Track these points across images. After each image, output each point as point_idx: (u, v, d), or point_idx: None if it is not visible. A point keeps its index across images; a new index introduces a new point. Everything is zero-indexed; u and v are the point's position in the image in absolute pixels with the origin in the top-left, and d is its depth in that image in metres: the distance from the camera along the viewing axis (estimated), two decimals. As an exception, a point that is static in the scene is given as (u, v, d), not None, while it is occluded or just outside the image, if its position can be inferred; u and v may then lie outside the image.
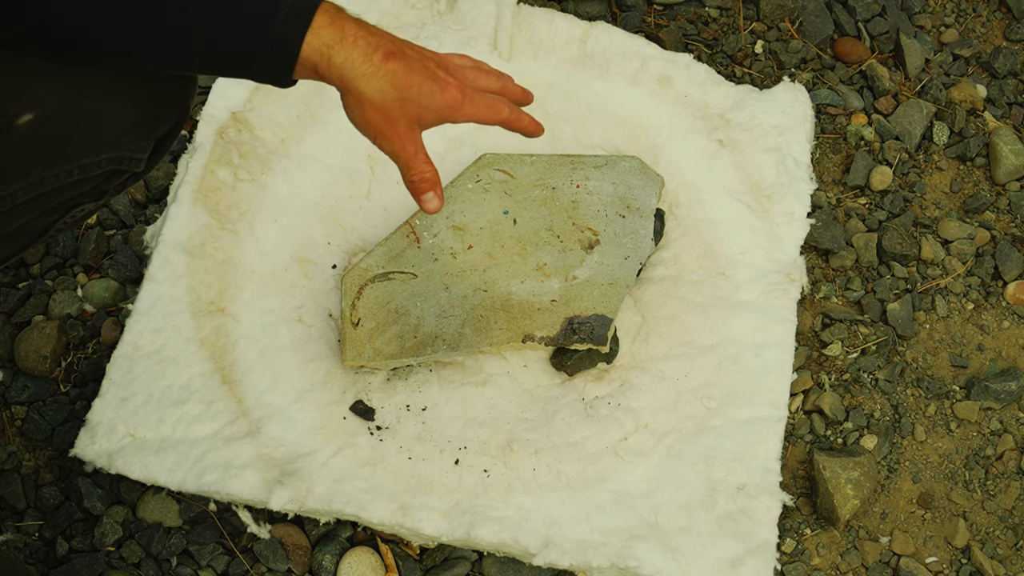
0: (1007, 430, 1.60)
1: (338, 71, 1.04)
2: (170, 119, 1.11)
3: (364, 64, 1.04)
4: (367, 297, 1.49)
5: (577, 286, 1.51)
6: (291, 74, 1.03)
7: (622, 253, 1.53)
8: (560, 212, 1.55)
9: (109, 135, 1.05)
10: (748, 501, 1.46)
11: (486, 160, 1.58)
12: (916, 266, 1.71)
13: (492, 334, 1.47)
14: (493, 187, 1.56)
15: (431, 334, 1.47)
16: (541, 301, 1.49)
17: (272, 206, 1.62)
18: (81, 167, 1.05)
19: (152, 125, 1.09)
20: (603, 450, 1.48)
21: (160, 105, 1.09)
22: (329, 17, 1.02)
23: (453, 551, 1.48)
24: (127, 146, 1.07)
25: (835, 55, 1.87)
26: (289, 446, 1.46)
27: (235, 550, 1.47)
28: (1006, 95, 1.85)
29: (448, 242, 1.52)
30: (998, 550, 1.53)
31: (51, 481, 1.51)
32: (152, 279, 1.56)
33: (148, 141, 1.10)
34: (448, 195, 1.55)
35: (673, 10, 1.90)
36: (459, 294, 1.49)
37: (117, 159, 1.08)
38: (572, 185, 1.57)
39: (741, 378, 1.54)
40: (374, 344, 1.47)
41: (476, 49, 1.75)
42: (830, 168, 1.78)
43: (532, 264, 1.52)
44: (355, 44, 1.03)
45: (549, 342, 1.48)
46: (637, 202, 1.57)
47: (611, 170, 1.58)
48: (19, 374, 1.56)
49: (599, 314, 1.48)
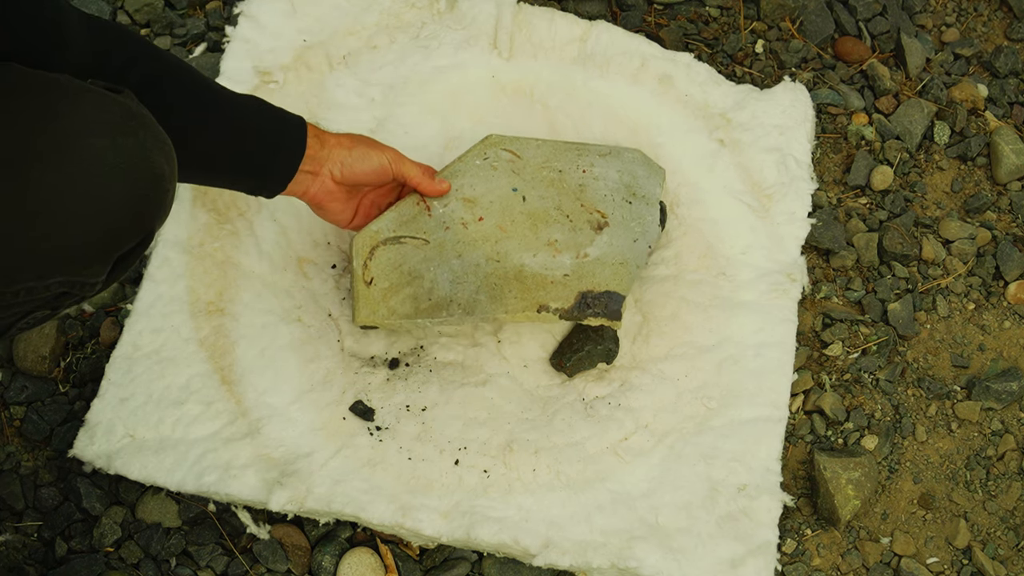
0: (1008, 430, 1.60)
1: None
2: (132, 240, 1.04)
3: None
4: (379, 258, 1.46)
5: (589, 263, 1.48)
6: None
7: (631, 236, 1.51)
8: (568, 194, 1.53)
9: (60, 260, 0.99)
10: (749, 501, 1.46)
11: (492, 140, 1.55)
12: (917, 266, 1.71)
13: (507, 302, 1.45)
14: (501, 165, 1.53)
15: (446, 298, 1.44)
16: (554, 275, 1.47)
17: (271, 205, 1.61)
18: (27, 289, 1.00)
19: (110, 248, 1.03)
20: (603, 450, 1.48)
21: (121, 227, 1.02)
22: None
23: (453, 551, 1.48)
24: (80, 272, 1.02)
25: (836, 55, 1.87)
26: (289, 446, 1.46)
27: (234, 551, 1.47)
28: (1007, 94, 1.85)
29: (459, 212, 1.49)
30: (999, 551, 1.53)
31: (50, 481, 1.51)
32: (151, 279, 1.56)
33: (105, 264, 1.04)
34: (455, 169, 1.52)
35: (673, 9, 1.89)
36: (472, 262, 1.46)
37: (68, 283, 1.02)
38: (579, 170, 1.55)
39: (741, 378, 1.54)
40: (388, 303, 1.44)
41: (476, 48, 1.74)
42: (831, 168, 1.78)
43: (543, 239, 1.49)
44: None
45: (564, 314, 1.45)
46: (643, 190, 1.55)
47: (616, 159, 1.57)
48: (18, 374, 1.56)
49: (612, 290, 1.46)
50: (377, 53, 1.74)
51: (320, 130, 1.37)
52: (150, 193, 1.03)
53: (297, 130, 1.34)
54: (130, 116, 1.02)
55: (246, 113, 1.30)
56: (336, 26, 1.76)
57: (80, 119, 0.98)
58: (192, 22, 1.83)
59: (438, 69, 1.73)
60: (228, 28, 1.75)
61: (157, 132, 1.04)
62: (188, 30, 1.81)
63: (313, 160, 1.35)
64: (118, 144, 0.99)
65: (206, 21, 1.83)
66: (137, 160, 1.00)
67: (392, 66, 1.73)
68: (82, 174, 0.97)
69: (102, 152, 0.98)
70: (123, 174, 0.99)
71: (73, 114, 0.98)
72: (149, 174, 1.02)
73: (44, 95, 0.98)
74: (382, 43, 1.75)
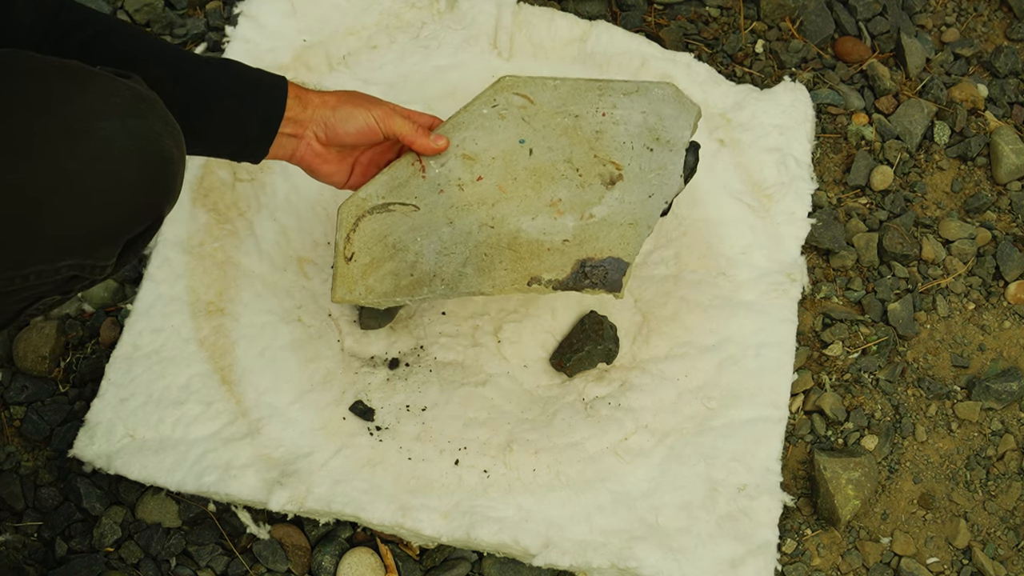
0: (1008, 430, 1.60)
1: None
2: (141, 223, 1.05)
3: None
4: (363, 230, 1.38)
5: (593, 225, 1.38)
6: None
7: (646, 190, 1.39)
8: (582, 143, 1.42)
9: (70, 243, 1.00)
10: (749, 501, 1.46)
11: (505, 83, 1.44)
12: (917, 266, 1.71)
13: (495, 275, 1.37)
14: (510, 113, 1.43)
15: (429, 272, 1.37)
16: (552, 241, 1.38)
17: (271, 205, 1.61)
18: (38, 272, 1.00)
19: (120, 231, 1.03)
20: (603, 450, 1.48)
21: (132, 210, 1.03)
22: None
23: (453, 552, 1.48)
24: (90, 255, 1.02)
25: (836, 55, 1.87)
26: (289, 446, 1.46)
27: (234, 551, 1.47)
28: (1007, 94, 1.85)
29: (456, 172, 1.40)
30: (999, 551, 1.53)
31: (50, 481, 1.50)
32: (151, 279, 1.56)
33: (115, 247, 1.04)
34: (460, 120, 1.42)
35: (673, 9, 1.89)
36: (463, 230, 1.38)
37: (78, 266, 1.03)
38: (597, 113, 1.43)
39: (742, 378, 1.54)
40: (367, 281, 1.38)
41: (476, 48, 1.74)
42: (831, 168, 1.78)
43: (546, 199, 1.40)
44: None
45: (557, 286, 1.37)
46: (668, 134, 1.41)
47: (642, 97, 1.43)
48: (18, 374, 1.56)
49: (615, 257, 1.37)
50: (377, 53, 1.74)
51: (303, 90, 1.31)
52: (160, 176, 1.03)
53: (275, 91, 1.28)
54: (139, 99, 1.02)
55: (219, 76, 1.26)
56: (336, 26, 1.76)
57: (90, 103, 0.98)
58: (192, 22, 1.83)
59: (438, 69, 1.73)
60: (228, 28, 1.75)
61: (166, 116, 1.04)
62: (188, 30, 1.81)
63: (294, 122, 1.29)
64: (128, 127, 0.99)
65: (206, 21, 1.83)
66: (147, 143, 1.00)
67: (392, 66, 1.73)
68: (92, 157, 0.97)
69: (112, 135, 0.98)
70: (133, 157, 0.99)
71: (83, 98, 0.98)
72: (159, 157, 1.02)
73: (54, 80, 0.98)
74: (382, 43, 1.75)
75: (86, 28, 1.19)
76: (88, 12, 1.21)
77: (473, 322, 1.57)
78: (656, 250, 1.62)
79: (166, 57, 1.24)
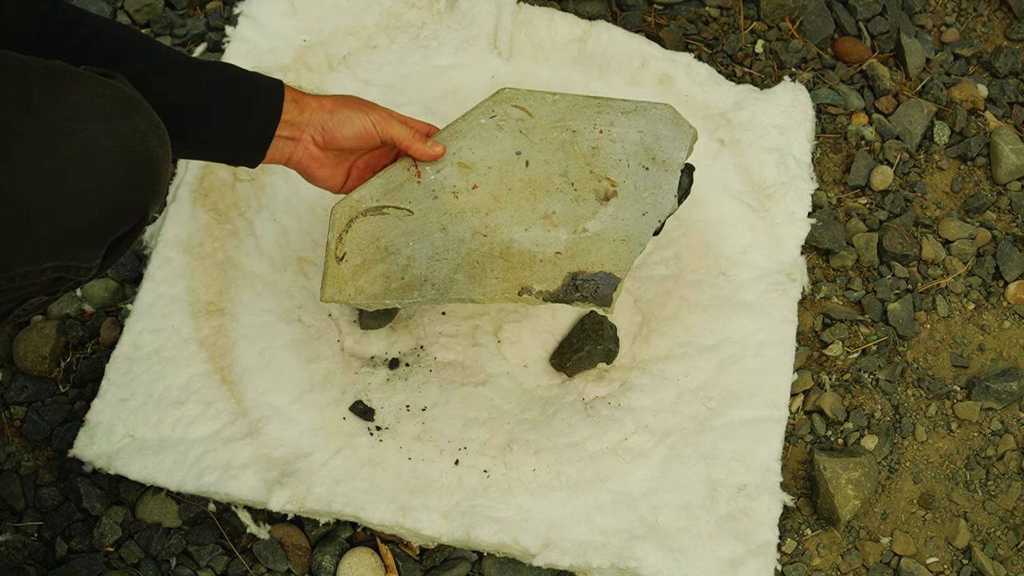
0: (1008, 430, 1.60)
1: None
2: (126, 224, 1.04)
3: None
4: (356, 231, 1.38)
5: (586, 239, 1.38)
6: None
7: (640, 208, 1.39)
8: (578, 158, 1.42)
9: (54, 243, 0.99)
10: (748, 501, 1.46)
11: (504, 95, 1.44)
12: (917, 266, 1.71)
13: (486, 283, 1.37)
14: (508, 124, 1.43)
15: (420, 277, 1.37)
16: (544, 252, 1.38)
17: (271, 205, 1.61)
18: (23, 274, 1.00)
19: (105, 231, 1.02)
20: (603, 450, 1.48)
21: (116, 211, 1.02)
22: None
23: (453, 551, 1.48)
24: (75, 256, 1.01)
25: (836, 55, 1.87)
26: (289, 446, 1.46)
27: (235, 550, 1.47)
28: (1007, 95, 1.85)
29: (451, 179, 1.40)
30: (999, 551, 1.53)
31: (50, 481, 1.50)
32: (151, 279, 1.56)
33: (100, 248, 1.03)
34: (457, 129, 1.42)
35: (673, 9, 1.89)
36: (456, 236, 1.38)
37: (63, 267, 1.02)
38: (595, 130, 1.43)
39: (742, 378, 1.54)
40: (357, 282, 1.38)
41: (476, 48, 1.74)
42: (831, 168, 1.78)
43: (540, 211, 1.40)
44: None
45: (548, 297, 1.36)
46: (664, 154, 1.41)
47: (640, 117, 1.43)
48: (18, 374, 1.56)
49: (607, 272, 1.37)
50: (377, 53, 1.74)
51: (301, 93, 1.31)
52: (144, 176, 1.02)
53: (271, 94, 1.28)
54: (124, 100, 1.01)
55: (215, 80, 1.26)
56: (336, 26, 1.76)
57: (74, 103, 0.98)
58: (192, 22, 1.83)
59: (438, 69, 1.73)
60: (228, 28, 1.75)
61: (151, 116, 1.04)
62: (188, 30, 1.81)
63: (291, 125, 1.29)
64: (112, 127, 0.99)
65: (206, 21, 1.83)
66: (131, 143, 1.00)
67: (392, 66, 1.73)
68: (76, 158, 0.97)
69: (96, 135, 0.98)
70: (117, 157, 0.99)
71: (67, 98, 0.98)
72: (144, 157, 1.01)
73: (36, 80, 0.98)
74: (382, 43, 1.75)
75: (80, 29, 1.19)
76: (83, 14, 1.21)
77: (473, 322, 1.57)
78: (656, 250, 1.62)
79: (161, 60, 1.24)
